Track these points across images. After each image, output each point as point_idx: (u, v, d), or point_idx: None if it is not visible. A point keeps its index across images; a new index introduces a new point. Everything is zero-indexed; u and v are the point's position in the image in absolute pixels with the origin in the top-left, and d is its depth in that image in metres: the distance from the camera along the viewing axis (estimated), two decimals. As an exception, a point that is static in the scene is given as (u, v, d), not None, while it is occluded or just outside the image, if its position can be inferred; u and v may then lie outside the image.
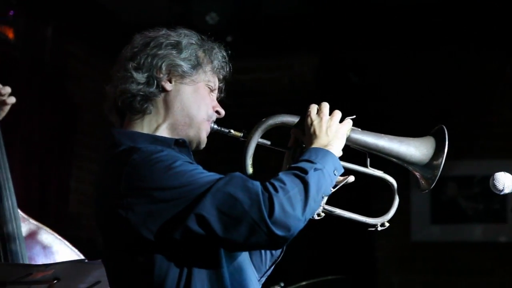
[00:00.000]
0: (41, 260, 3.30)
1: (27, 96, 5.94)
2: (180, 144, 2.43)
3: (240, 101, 7.31)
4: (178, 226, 2.22)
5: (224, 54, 2.60)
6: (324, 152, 2.42)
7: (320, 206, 2.50)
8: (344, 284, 4.79)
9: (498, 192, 2.31)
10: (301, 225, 2.28)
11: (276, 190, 2.24)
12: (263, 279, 2.70)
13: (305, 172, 2.32)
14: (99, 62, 6.94)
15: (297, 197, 2.26)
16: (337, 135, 2.50)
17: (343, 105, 2.58)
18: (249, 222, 2.20)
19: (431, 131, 2.64)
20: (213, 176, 2.29)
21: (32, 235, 3.40)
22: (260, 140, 2.57)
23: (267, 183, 2.27)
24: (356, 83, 7.26)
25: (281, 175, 2.32)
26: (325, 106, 2.56)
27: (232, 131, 2.58)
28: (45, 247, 3.36)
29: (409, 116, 7.50)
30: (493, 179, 2.31)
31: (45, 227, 3.47)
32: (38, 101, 6.07)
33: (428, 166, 2.57)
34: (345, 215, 2.58)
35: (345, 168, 2.52)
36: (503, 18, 6.43)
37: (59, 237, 3.43)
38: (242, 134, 2.58)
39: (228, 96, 2.68)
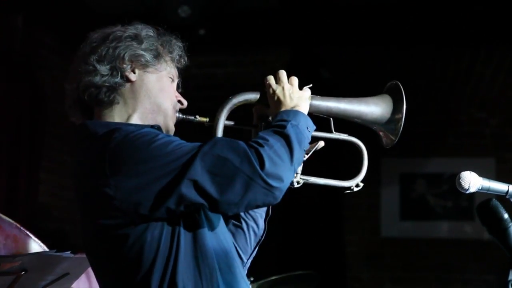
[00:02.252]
0: (2, 252, 3.25)
1: (-4, 85, 5.89)
2: (156, 130, 2.42)
3: (211, 95, 7.30)
4: (171, 195, 2.22)
5: (181, 45, 2.61)
6: (294, 111, 2.46)
7: (299, 173, 2.54)
8: (313, 279, 4.81)
9: (464, 191, 2.33)
10: (292, 175, 2.34)
11: (261, 145, 2.28)
12: (249, 261, 2.71)
13: (283, 127, 2.37)
14: (70, 52, 6.81)
15: (282, 149, 2.31)
16: (301, 98, 2.54)
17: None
18: (243, 178, 2.23)
19: (384, 88, 2.73)
20: (196, 143, 2.30)
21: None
22: (226, 122, 2.57)
23: (251, 142, 2.31)
24: (327, 78, 7.28)
25: (261, 133, 2.37)
26: (283, 73, 2.59)
27: (197, 117, 2.58)
28: (7, 239, 3.32)
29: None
30: (459, 178, 2.33)
31: (6, 218, 3.42)
32: (8, 91, 6.01)
33: (390, 120, 2.64)
34: (319, 182, 2.62)
35: (312, 137, 2.55)
36: (473, 17, 6.47)
37: (23, 228, 3.39)
38: (208, 119, 2.58)
39: (200, 89, 2.69)
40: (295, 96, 2.53)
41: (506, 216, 2.23)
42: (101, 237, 2.34)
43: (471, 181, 2.33)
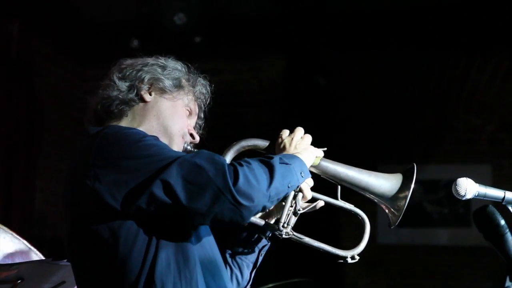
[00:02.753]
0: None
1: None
2: None
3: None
4: (143, 193, 2.24)
5: (207, 85, 2.68)
6: (291, 155, 2.47)
7: (290, 225, 2.53)
8: (310, 286, 4.80)
9: (460, 198, 2.34)
10: (265, 200, 2.30)
11: (240, 164, 2.30)
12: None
13: (271, 158, 2.37)
14: (66, 60, 6.90)
15: (262, 175, 2.30)
16: (306, 150, 2.54)
17: (311, 107, 2.60)
18: (213, 190, 2.23)
19: (404, 170, 2.67)
20: (181, 152, 2.35)
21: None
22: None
23: (233, 161, 2.34)
24: (323, 85, 7.28)
25: (247, 158, 2.37)
26: (299, 129, 2.60)
27: None
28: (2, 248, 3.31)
29: (374, 119, 7.54)
30: (455, 185, 2.33)
31: (2, 226, 3.41)
32: (4, 98, 6.00)
33: (395, 198, 2.62)
34: (314, 244, 2.59)
35: (316, 198, 2.58)
36: (469, 22, 6.48)
37: (18, 236, 3.37)
38: None
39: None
40: (301, 147, 2.54)
41: (502, 222, 2.24)
42: (78, 229, 2.36)
43: (468, 187, 2.33)
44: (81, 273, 2.41)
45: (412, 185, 2.58)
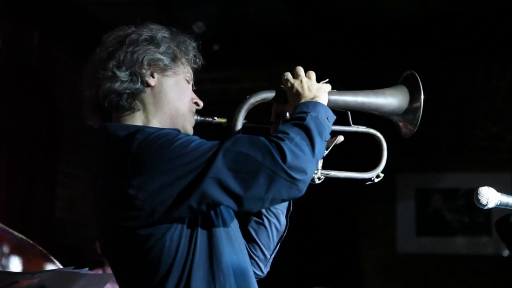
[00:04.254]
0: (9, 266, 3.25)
1: (13, 101, 5.91)
2: None
3: (226, 110, 7.31)
4: (193, 193, 2.21)
5: (195, 45, 2.62)
6: (313, 102, 2.45)
7: (319, 168, 2.55)
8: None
9: (482, 207, 2.32)
10: (315, 166, 2.33)
11: (281, 139, 2.27)
12: (272, 257, 2.72)
13: (303, 119, 2.35)
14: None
15: (303, 142, 2.29)
16: (320, 89, 2.53)
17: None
18: (266, 173, 2.21)
19: (400, 79, 2.71)
20: (216, 142, 2.30)
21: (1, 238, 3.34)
22: (244, 121, 2.56)
23: (271, 136, 2.30)
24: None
25: (281, 127, 2.35)
26: (300, 69, 2.59)
27: (216, 118, 2.58)
28: (12, 251, 3.32)
29: (394, 129, 7.53)
30: (477, 194, 2.31)
31: (12, 231, 3.41)
32: (24, 106, 6.04)
33: (408, 110, 2.64)
34: (340, 175, 2.61)
35: (332, 132, 2.54)
36: (487, 30, 6.46)
37: (28, 239, 3.38)
38: (226, 120, 2.58)
39: (214, 105, 2.70)
40: (314, 87, 2.52)
41: (525, 232, 2.22)
42: (122, 239, 2.33)
43: (489, 196, 2.31)
44: (123, 278, 2.41)
45: (422, 95, 2.60)
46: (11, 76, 5.92)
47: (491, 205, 2.32)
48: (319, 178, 2.55)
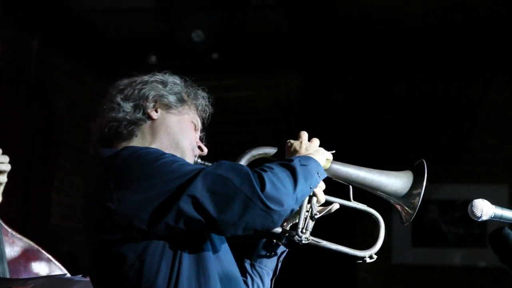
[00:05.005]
0: (23, 273, 3.26)
1: (11, 107, 5.92)
2: None
3: (224, 119, 7.32)
4: (170, 210, 2.22)
5: (206, 97, 2.65)
6: (305, 156, 2.47)
7: (309, 230, 2.53)
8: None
9: (476, 219, 2.31)
10: (293, 203, 2.30)
11: (264, 170, 2.29)
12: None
13: (291, 161, 2.37)
14: (84, 76, 6.94)
15: (286, 178, 2.30)
16: (317, 151, 2.55)
17: (327, 124, 2.61)
18: (242, 198, 2.22)
19: (411, 166, 2.66)
20: (201, 165, 2.35)
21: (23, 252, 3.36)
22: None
23: (255, 168, 2.32)
24: (339, 103, 7.29)
25: (267, 164, 2.37)
26: (304, 133, 2.61)
27: None
28: (27, 261, 3.33)
29: (391, 138, 7.54)
30: (471, 206, 2.31)
31: (26, 239, 3.44)
32: (22, 113, 6.04)
33: (409, 195, 2.60)
34: (331, 247, 2.59)
35: (329, 201, 2.57)
36: (486, 43, 6.48)
37: (40, 248, 3.40)
38: None
39: (213, 113, 2.71)
40: (312, 148, 2.55)
41: (518, 244, 2.22)
42: (102, 255, 2.34)
43: (484, 209, 2.31)
44: None
45: (425, 182, 2.56)
46: (10, 83, 5.93)
47: (485, 217, 2.32)
48: (306, 239, 2.53)
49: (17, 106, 5.99)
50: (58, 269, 3.23)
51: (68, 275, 2.99)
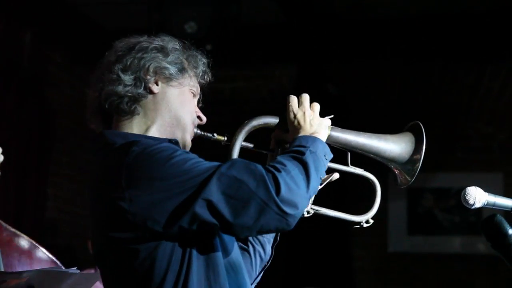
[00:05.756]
0: (17, 267, 3.26)
1: (5, 101, 5.91)
2: (174, 144, 2.39)
3: (218, 110, 7.33)
4: (185, 213, 2.19)
5: (206, 61, 2.61)
6: (312, 138, 2.45)
7: (310, 202, 2.53)
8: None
9: (469, 207, 2.33)
10: (307, 202, 2.30)
11: (278, 170, 2.25)
12: (253, 286, 2.68)
13: (302, 153, 2.34)
14: (78, 69, 6.92)
15: (299, 176, 2.28)
16: (321, 125, 2.53)
17: (321, 115, 2.59)
18: (257, 202, 2.19)
19: (406, 127, 2.69)
20: (214, 163, 2.28)
21: (9, 242, 3.37)
22: (243, 143, 2.57)
23: (268, 166, 2.28)
24: (334, 94, 7.29)
25: (280, 158, 2.34)
26: (306, 98, 2.58)
27: (215, 135, 2.57)
28: (21, 255, 3.33)
29: (385, 128, 7.54)
30: (464, 194, 2.33)
31: (22, 234, 3.44)
32: (16, 106, 6.03)
33: (408, 160, 2.61)
34: (330, 214, 2.61)
35: (328, 169, 2.54)
36: (480, 32, 6.48)
37: (36, 244, 3.40)
38: (225, 138, 2.57)
39: (207, 104, 2.69)
40: (315, 122, 2.52)
41: (511, 231, 2.23)
42: (112, 250, 2.32)
43: (477, 196, 2.32)
44: None
45: (424, 147, 2.57)
46: (3, 77, 5.92)
47: (478, 205, 2.33)
48: (308, 212, 2.54)
49: (10, 100, 5.98)
50: (53, 263, 3.24)
51: (63, 268, 2.99)
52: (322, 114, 2.58)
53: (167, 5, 6.03)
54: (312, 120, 2.52)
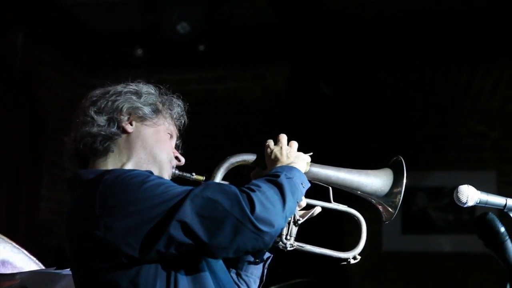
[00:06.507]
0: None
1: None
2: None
3: (212, 110, 7.32)
4: (160, 237, 2.18)
5: (181, 104, 2.61)
6: (289, 167, 2.44)
7: (293, 236, 2.53)
8: (313, 287, 4.77)
9: (462, 205, 2.34)
10: (283, 222, 2.28)
11: (252, 190, 2.25)
12: None
13: (277, 176, 2.34)
14: (70, 70, 6.92)
15: (274, 196, 2.27)
16: (298, 157, 2.52)
17: (314, 115, 2.59)
18: (232, 221, 2.18)
19: (389, 163, 2.65)
20: (188, 187, 2.27)
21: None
22: (222, 182, 2.55)
23: (242, 187, 2.27)
24: (326, 93, 7.29)
25: (254, 181, 2.33)
26: (283, 136, 2.57)
27: (194, 174, 2.57)
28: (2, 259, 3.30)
29: (378, 127, 7.55)
30: (457, 192, 2.33)
31: (2, 236, 3.40)
32: (8, 108, 6.02)
33: (389, 193, 2.59)
34: (315, 251, 2.58)
35: (309, 204, 2.55)
36: (472, 31, 6.49)
37: (17, 245, 3.37)
38: (204, 178, 2.57)
39: (200, 105, 2.69)
40: (292, 155, 2.51)
41: (502, 229, 2.23)
42: (93, 281, 2.29)
43: (469, 195, 2.33)
44: None
45: (404, 180, 2.55)
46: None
47: (470, 203, 2.33)
48: (291, 245, 2.53)
49: (3, 102, 5.97)
50: (35, 264, 3.22)
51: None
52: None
53: (159, 6, 6.02)
54: (289, 153, 2.52)
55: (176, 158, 2.56)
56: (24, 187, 6.14)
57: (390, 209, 2.61)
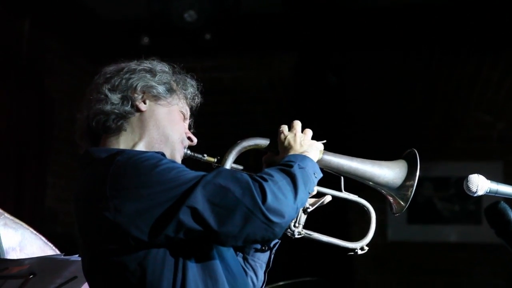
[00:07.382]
0: (15, 255, 3.26)
1: (4, 90, 5.90)
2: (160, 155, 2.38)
3: (218, 99, 7.32)
4: (170, 221, 2.17)
5: (195, 84, 2.60)
6: (302, 156, 2.43)
7: (302, 224, 2.52)
8: (320, 285, 4.78)
9: (471, 194, 2.32)
10: (294, 213, 2.27)
11: (265, 180, 2.23)
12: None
13: (290, 166, 2.32)
14: (76, 57, 6.91)
15: (287, 187, 2.25)
16: (311, 146, 2.51)
17: (320, 104, 2.58)
18: (243, 211, 2.17)
19: (403, 154, 2.63)
20: (200, 172, 2.25)
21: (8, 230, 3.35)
22: (234, 165, 2.55)
23: (255, 175, 2.26)
24: (333, 83, 7.28)
25: (267, 170, 2.32)
26: (297, 123, 2.57)
27: (206, 156, 2.57)
28: (20, 242, 3.33)
29: (385, 117, 7.54)
30: (467, 181, 2.32)
31: (20, 222, 3.43)
32: (15, 95, 6.02)
33: (401, 186, 2.58)
34: (323, 239, 2.58)
35: (320, 192, 2.54)
36: (479, 21, 6.47)
37: (35, 232, 3.39)
38: (216, 160, 2.56)
39: (207, 94, 2.68)
40: (306, 143, 2.50)
41: (515, 218, 2.22)
42: (101, 263, 2.29)
43: (479, 184, 2.32)
44: None
45: (418, 173, 2.53)
46: (1, 65, 5.91)
47: (480, 192, 2.32)
48: (299, 233, 2.52)
49: (9, 89, 5.97)
50: (52, 251, 3.23)
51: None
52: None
53: (166, -6, 6.01)
54: (303, 141, 2.51)
55: (189, 138, 2.56)
56: (30, 174, 6.14)
57: (401, 201, 2.59)
